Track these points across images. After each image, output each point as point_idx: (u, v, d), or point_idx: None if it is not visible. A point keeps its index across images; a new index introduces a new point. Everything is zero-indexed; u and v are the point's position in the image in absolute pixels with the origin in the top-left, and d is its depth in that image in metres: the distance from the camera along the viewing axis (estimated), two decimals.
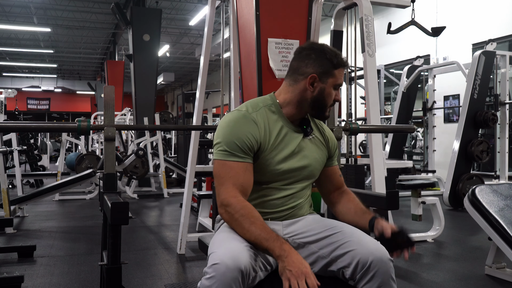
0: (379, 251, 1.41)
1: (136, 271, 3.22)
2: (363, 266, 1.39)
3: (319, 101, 1.55)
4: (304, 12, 2.83)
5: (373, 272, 1.38)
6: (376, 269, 1.38)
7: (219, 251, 1.33)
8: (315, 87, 1.54)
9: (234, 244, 1.37)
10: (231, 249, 1.33)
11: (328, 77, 1.54)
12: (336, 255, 1.45)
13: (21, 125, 2.10)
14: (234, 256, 1.29)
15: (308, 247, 1.53)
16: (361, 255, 1.40)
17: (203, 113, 3.94)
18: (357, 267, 1.40)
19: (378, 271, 1.38)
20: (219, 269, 1.26)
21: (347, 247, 1.44)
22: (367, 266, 1.38)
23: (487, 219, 2.89)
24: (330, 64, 1.54)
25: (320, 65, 1.54)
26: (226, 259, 1.28)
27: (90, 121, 1.89)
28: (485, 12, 7.82)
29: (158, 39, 9.40)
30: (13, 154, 5.99)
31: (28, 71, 24.28)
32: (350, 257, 1.41)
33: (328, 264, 1.48)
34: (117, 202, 1.61)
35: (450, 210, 5.78)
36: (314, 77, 1.54)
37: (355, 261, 1.40)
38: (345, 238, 1.47)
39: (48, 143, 14.97)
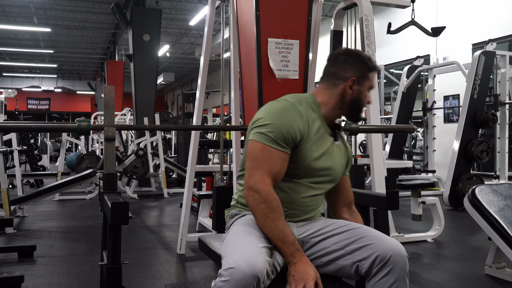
0: (398, 247, 1.44)
1: (136, 271, 3.23)
2: (381, 260, 1.41)
3: (356, 102, 1.63)
4: (304, 12, 2.83)
5: (390, 266, 1.41)
6: (394, 264, 1.41)
7: (236, 255, 1.32)
8: (353, 90, 1.61)
9: (250, 247, 1.37)
10: (247, 253, 1.33)
11: (365, 80, 1.62)
12: (353, 248, 1.48)
13: (21, 125, 2.10)
14: (250, 262, 1.29)
15: (321, 244, 1.55)
16: (381, 249, 1.42)
17: (203, 113, 3.94)
18: (375, 261, 1.42)
19: (395, 266, 1.41)
20: (235, 275, 1.27)
21: (365, 241, 1.47)
22: (385, 260, 1.41)
23: (487, 219, 2.89)
24: (367, 68, 1.62)
25: (358, 69, 1.61)
26: (242, 264, 1.28)
27: (90, 121, 1.89)
28: (485, 12, 7.82)
29: (158, 39, 9.40)
30: (13, 154, 5.99)
31: (28, 71, 24.28)
32: (369, 250, 1.44)
33: (341, 256, 1.50)
34: (117, 202, 1.61)
35: (450, 210, 5.78)
36: (354, 80, 1.61)
37: (375, 255, 1.42)
38: (363, 233, 1.50)
39: (48, 143, 14.97)
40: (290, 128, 1.51)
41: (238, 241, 1.43)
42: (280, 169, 1.50)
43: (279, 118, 1.51)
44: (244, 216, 1.60)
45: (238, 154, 3.40)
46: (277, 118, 1.51)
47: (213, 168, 4.76)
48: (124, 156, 7.09)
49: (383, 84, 8.87)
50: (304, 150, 1.55)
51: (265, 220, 1.42)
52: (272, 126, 1.50)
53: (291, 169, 1.55)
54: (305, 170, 1.57)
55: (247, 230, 1.48)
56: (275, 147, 1.49)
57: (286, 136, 1.50)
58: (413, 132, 6.33)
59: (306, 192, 1.60)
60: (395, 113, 7.34)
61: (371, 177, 3.49)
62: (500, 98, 6.10)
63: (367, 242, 1.46)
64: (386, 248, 1.43)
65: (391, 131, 7.24)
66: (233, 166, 3.38)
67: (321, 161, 1.59)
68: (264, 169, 1.46)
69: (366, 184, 6.90)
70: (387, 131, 7.04)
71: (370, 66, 1.62)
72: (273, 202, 1.43)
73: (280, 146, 1.49)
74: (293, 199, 1.59)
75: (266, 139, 1.49)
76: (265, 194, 1.43)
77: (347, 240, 1.51)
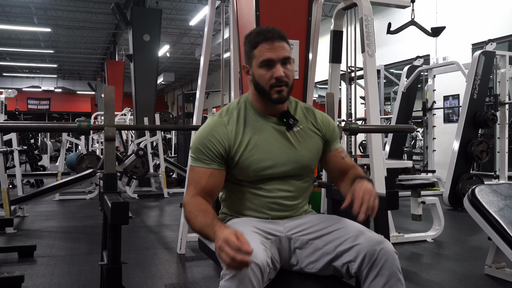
0: (384, 243, 1.41)
1: (136, 271, 3.23)
2: (370, 259, 1.38)
3: (258, 85, 1.54)
4: (304, 12, 2.83)
5: (380, 264, 1.38)
6: (383, 261, 1.37)
7: None
8: (250, 75, 1.58)
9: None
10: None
11: (251, 60, 1.55)
12: (341, 250, 1.45)
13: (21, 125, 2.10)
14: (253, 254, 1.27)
15: (313, 244, 1.52)
16: (367, 248, 1.39)
17: (203, 113, 3.94)
18: (363, 261, 1.39)
19: (385, 263, 1.37)
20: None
21: (351, 242, 1.43)
22: (374, 258, 1.38)
23: (486, 219, 2.89)
24: (249, 47, 1.56)
25: (245, 53, 1.60)
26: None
27: (90, 121, 1.89)
28: (484, 12, 7.82)
29: (158, 39, 9.41)
30: (13, 154, 5.99)
31: (29, 71, 24.29)
32: (356, 251, 1.41)
33: (333, 260, 1.47)
34: (117, 202, 1.61)
35: (449, 210, 5.78)
36: (244, 66, 1.60)
37: (362, 255, 1.39)
38: (348, 233, 1.47)
39: (49, 143, 14.96)
40: (208, 143, 1.52)
41: None
42: (208, 183, 1.52)
43: (198, 137, 1.56)
44: (230, 220, 1.61)
45: None
46: (197, 137, 1.56)
47: None
48: (124, 156, 7.09)
49: (383, 84, 8.88)
50: (243, 158, 1.53)
51: (191, 221, 1.44)
52: (193, 147, 1.56)
53: (244, 178, 1.56)
54: (256, 175, 1.55)
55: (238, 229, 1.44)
56: (199, 165, 1.53)
57: (206, 152, 1.52)
58: (413, 132, 6.33)
59: (276, 192, 1.57)
60: (395, 113, 7.34)
61: (371, 177, 3.49)
62: (500, 98, 6.11)
63: (354, 242, 1.43)
64: (372, 245, 1.39)
65: (391, 131, 7.25)
66: None
67: (270, 160, 1.54)
68: (191, 187, 1.53)
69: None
70: (387, 131, 7.04)
71: (253, 42, 1.52)
72: (195, 205, 1.46)
73: (203, 163, 1.53)
74: (266, 203, 1.58)
75: (191, 160, 1.57)
76: (189, 203, 1.48)
77: (335, 241, 1.47)
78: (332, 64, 4.05)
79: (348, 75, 4.87)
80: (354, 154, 4.15)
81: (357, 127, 2.31)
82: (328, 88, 4.14)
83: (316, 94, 14.41)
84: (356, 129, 2.29)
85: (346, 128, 2.27)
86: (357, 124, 2.35)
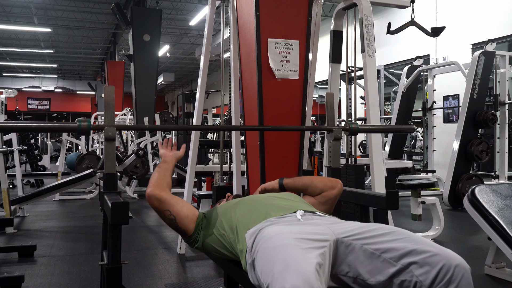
0: (459, 258, 1.27)
1: (137, 270, 3.23)
2: (445, 274, 1.23)
3: None
4: (304, 12, 2.83)
5: (456, 282, 1.23)
6: (459, 279, 1.23)
7: (288, 279, 1.13)
8: None
9: (300, 263, 1.18)
10: (300, 272, 1.14)
11: None
12: (408, 262, 1.27)
13: (21, 125, 2.09)
14: (306, 282, 1.12)
15: (368, 250, 1.34)
16: (444, 261, 1.24)
17: (203, 113, 3.94)
18: (437, 276, 1.23)
19: (461, 282, 1.24)
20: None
21: (422, 253, 1.27)
22: (450, 274, 1.23)
23: (486, 219, 2.89)
24: None
25: None
26: (300, 285, 1.10)
27: (90, 121, 1.89)
28: (484, 12, 7.82)
29: (158, 39, 9.41)
30: (13, 154, 5.99)
31: (29, 71, 24.28)
32: (429, 264, 1.25)
33: (397, 273, 1.28)
34: (117, 202, 1.61)
35: (449, 210, 5.78)
36: None
37: (436, 269, 1.23)
38: (414, 243, 1.31)
39: (49, 143, 14.96)
40: None
41: (282, 258, 1.21)
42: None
43: None
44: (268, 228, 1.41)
45: (238, 154, 3.41)
46: None
47: (213, 168, 4.77)
48: (124, 156, 7.10)
49: (383, 84, 8.88)
50: None
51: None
52: None
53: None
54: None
55: (284, 243, 1.28)
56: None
57: None
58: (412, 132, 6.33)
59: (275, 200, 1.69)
60: (395, 113, 7.34)
61: (371, 177, 3.49)
62: (499, 98, 6.10)
63: (426, 254, 1.25)
64: (448, 260, 1.24)
65: (391, 131, 7.25)
66: (233, 166, 3.39)
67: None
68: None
69: (366, 184, 6.90)
70: (387, 131, 7.03)
71: None
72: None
73: None
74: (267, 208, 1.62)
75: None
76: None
77: (398, 250, 1.30)
78: (332, 64, 4.05)
79: (348, 75, 4.87)
80: (354, 154, 4.15)
81: (357, 127, 2.29)
82: (328, 88, 4.14)
83: (316, 94, 14.40)
84: (356, 129, 2.28)
85: (346, 128, 2.26)
86: (357, 124, 2.33)
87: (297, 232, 1.33)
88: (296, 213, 1.53)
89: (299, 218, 1.48)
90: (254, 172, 2.85)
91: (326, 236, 1.35)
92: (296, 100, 2.81)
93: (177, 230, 1.72)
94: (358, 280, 1.34)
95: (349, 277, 1.36)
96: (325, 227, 1.41)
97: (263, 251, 1.30)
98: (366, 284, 1.33)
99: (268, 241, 1.31)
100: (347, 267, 1.36)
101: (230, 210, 1.68)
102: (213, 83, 17.32)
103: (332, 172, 2.24)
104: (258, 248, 1.33)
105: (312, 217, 1.52)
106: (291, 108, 2.79)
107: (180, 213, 1.69)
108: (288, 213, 1.53)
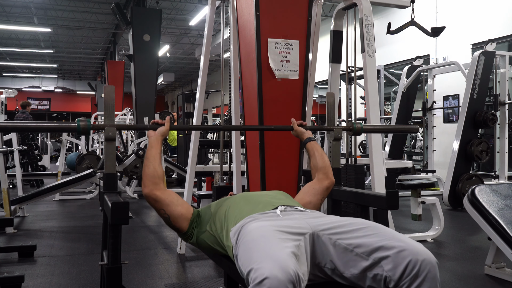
0: (427, 253, 1.31)
1: (137, 271, 3.23)
2: (412, 269, 1.27)
3: None
4: (304, 12, 2.83)
5: (422, 276, 1.27)
6: (425, 273, 1.28)
7: (265, 265, 1.19)
8: None
9: (275, 250, 1.26)
10: (275, 258, 1.21)
11: None
12: (379, 257, 1.33)
13: (21, 125, 2.09)
14: (283, 268, 1.18)
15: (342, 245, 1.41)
16: (411, 256, 1.28)
17: (203, 113, 3.94)
18: (405, 270, 1.28)
19: (427, 275, 1.28)
20: (270, 285, 1.14)
21: (391, 248, 1.32)
22: (417, 268, 1.27)
23: (486, 219, 2.89)
24: None
25: None
26: (276, 271, 1.16)
27: (90, 121, 1.88)
28: (484, 12, 7.82)
29: (158, 39, 9.41)
30: (13, 154, 5.99)
31: (29, 71, 24.28)
32: (397, 259, 1.30)
33: (369, 268, 1.35)
34: (117, 202, 1.61)
35: (449, 210, 5.79)
36: None
37: (404, 263, 1.29)
38: (384, 238, 1.37)
39: (49, 143, 14.96)
40: None
41: (261, 250, 1.28)
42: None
43: None
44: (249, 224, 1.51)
45: (238, 154, 3.40)
46: None
47: (213, 168, 4.77)
48: (124, 156, 7.10)
49: (383, 84, 8.88)
50: None
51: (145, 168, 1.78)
52: None
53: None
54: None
55: (262, 235, 1.36)
56: None
57: None
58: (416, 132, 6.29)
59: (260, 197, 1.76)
60: (395, 113, 7.34)
61: (371, 177, 3.49)
62: (499, 98, 6.10)
63: (394, 249, 1.31)
64: (415, 255, 1.28)
65: (394, 131, 7.22)
66: (233, 166, 3.39)
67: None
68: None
69: (366, 184, 6.90)
70: (390, 131, 7.03)
71: None
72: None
73: None
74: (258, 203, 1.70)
75: None
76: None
77: (370, 245, 1.36)
78: (332, 64, 4.05)
79: (348, 75, 4.87)
80: (354, 154, 4.15)
81: (361, 127, 2.26)
82: (328, 88, 4.14)
83: (316, 94, 14.40)
84: (359, 129, 2.25)
85: (349, 128, 2.24)
86: (361, 123, 2.31)
87: (275, 226, 1.43)
88: (277, 209, 1.64)
89: (278, 214, 1.59)
90: (254, 172, 2.85)
91: (302, 229, 1.45)
92: (296, 100, 2.81)
93: (172, 228, 1.80)
94: (335, 271, 1.43)
95: (328, 268, 1.45)
96: (303, 221, 1.50)
97: (243, 244, 1.40)
98: (342, 276, 1.42)
99: (248, 235, 1.41)
100: (324, 259, 1.44)
101: (221, 207, 1.78)
102: (213, 83, 17.32)
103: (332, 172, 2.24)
104: (240, 242, 1.44)
105: (292, 212, 1.63)
106: (291, 108, 2.79)
107: (174, 213, 1.75)
108: (269, 209, 1.64)
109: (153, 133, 1.91)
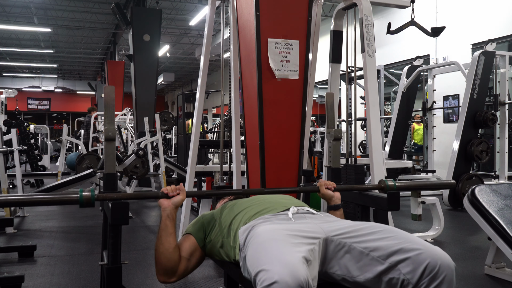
0: (445, 256, 1.31)
1: (137, 270, 3.23)
2: (430, 272, 1.26)
3: None
4: (304, 12, 2.83)
5: (440, 278, 1.26)
6: (442, 277, 1.26)
7: (274, 269, 1.17)
8: None
9: (286, 254, 1.23)
10: (286, 263, 1.18)
11: None
12: (396, 261, 1.31)
13: (17, 199, 1.88)
14: (293, 272, 1.15)
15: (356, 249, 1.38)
16: (429, 259, 1.27)
17: (203, 113, 3.93)
18: (423, 273, 1.27)
19: (445, 278, 1.26)
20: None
21: (409, 251, 1.30)
22: (435, 271, 1.26)
23: (486, 219, 2.89)
24: None
25: None
26: (285, 276, 1.14)
27: (93, 190, 1.68)
28: (484, 12, 7.83)
29: (158, 39, 9.41)
30: (13, 154, 5.98)
31: (29, 71, 24.29)
32: (415, 262, 1.28)
33: (385, 271, 1.32)
34: (117, 202, 1.61)
35: (449, 210, 5.78)
36: None
37: (422, 266, 1.27)
38: (401, 241, 1.34)
39: (49, 143, 14.95)
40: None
41: (271, 253, 1.26)
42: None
43: None
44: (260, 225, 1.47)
45: (238, 154, 3.40)
46: None
47: (213, 168, 4.76)
48: (124, 156, 7.09)
49: (383, 84, 8.88)
50: None
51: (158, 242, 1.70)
52: None
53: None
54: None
55: (273, 238, 1.33)
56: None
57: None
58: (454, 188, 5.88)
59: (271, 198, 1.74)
60: (395, 113, 7.34)
61: (371, 177, 3.49)
62: (499, 98, 6.10)
63: (412, 252, 1.29)
64: (433, 257, 1.27)
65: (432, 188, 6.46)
66: (233, 166, 3.39)
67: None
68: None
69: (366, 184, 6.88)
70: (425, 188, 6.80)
71: None
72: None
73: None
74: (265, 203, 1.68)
75: None
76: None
77: (386, 249, 1.33)
78: (332, 64, 4.05)
79: (348, 75, 4.87)
80: (354, 154, 4.15)
81: (394, 184, 1.98)
82: (328, 88, 4.14)
83: (316, 94, 14.41)
84: (392, 186, 1.98)
85: (381, 187, 2.00)
86: (394, 181, 2.02)
87: (287, 230, 1.38)
88: (289, 210, 1.58)
89: (290, 217, 1.54)
90: (254, 172, 2.85)
91: (316, 234, 1.40)
92: (296, 100, 2.81)
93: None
94: (347, 277, 1.38)
95: (338, 274, 1.40)
96: (316, 225, 1.46)
97: (253, 245, 1.36)
98: (354, 281, 1.37)
99: (259, 237, 1.37)
100: (337, 264, 1.40)
101: (228, 212, 1.74)
102: (213, 83, 17.32)
103: (332, 172, 2.24)
104: (250, 243, 1.39)
105: (305, 215, 1.58)
106: (291, 108, 2.79)
107: (194, 263, 1.78)
108: (281, 211, 1.59)
109: (167, 203, 1.71)
